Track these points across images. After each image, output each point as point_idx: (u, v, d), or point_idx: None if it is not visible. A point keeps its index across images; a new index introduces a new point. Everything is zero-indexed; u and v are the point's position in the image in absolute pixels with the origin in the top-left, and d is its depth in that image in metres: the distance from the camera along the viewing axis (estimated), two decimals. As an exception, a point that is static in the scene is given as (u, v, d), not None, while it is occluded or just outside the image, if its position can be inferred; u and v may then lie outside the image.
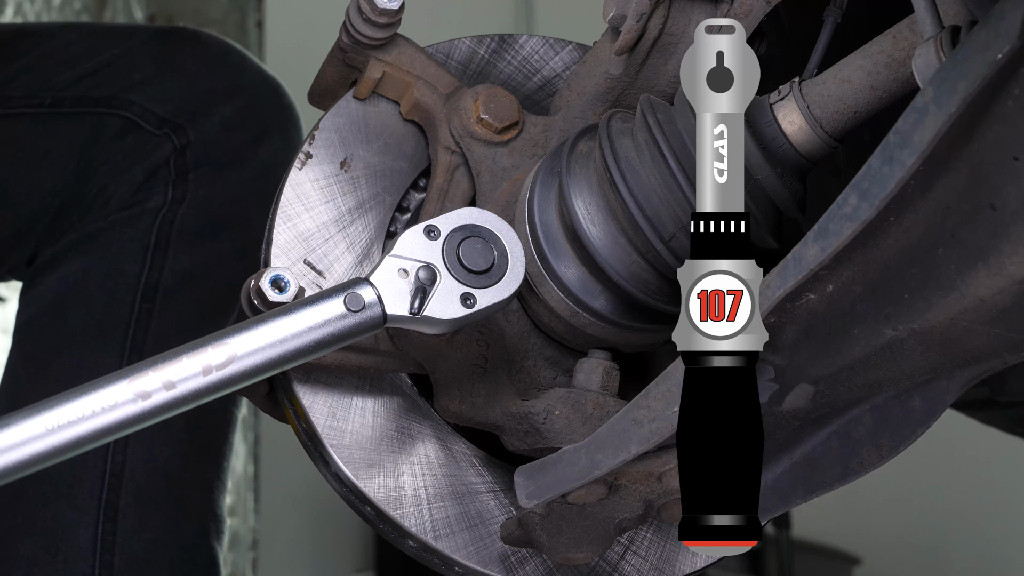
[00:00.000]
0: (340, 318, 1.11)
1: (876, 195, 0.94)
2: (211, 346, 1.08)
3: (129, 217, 1.69)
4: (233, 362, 1.08)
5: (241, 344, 1.09)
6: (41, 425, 1.03)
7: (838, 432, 1.11)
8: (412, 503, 1.24)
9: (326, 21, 1.75)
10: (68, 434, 1.04)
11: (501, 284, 1.16)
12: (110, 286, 1.67)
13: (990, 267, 0.92)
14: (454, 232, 1.15)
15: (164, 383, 1.06)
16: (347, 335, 1.12)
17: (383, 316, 1.13)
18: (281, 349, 1.10)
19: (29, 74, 1.76)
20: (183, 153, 1.70)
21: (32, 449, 1.03)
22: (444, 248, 1.15)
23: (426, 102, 1.29)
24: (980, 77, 0.87)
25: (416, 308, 1.13)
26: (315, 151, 1.30)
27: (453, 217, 1.16)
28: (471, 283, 1.15)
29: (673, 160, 1.14)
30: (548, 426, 1.19)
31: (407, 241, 1.15)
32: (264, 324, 1.10)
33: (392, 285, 1.13)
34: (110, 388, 1.05)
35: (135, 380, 1.05)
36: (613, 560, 1.28)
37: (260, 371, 1.09)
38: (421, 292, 1.13)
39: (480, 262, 1.15)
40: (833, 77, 1.15)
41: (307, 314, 1.11)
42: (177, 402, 1.07)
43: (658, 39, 1.25)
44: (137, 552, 1.62)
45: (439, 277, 1.14)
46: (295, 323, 1.10)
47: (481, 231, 1.16)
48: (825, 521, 4.34)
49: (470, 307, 1.15)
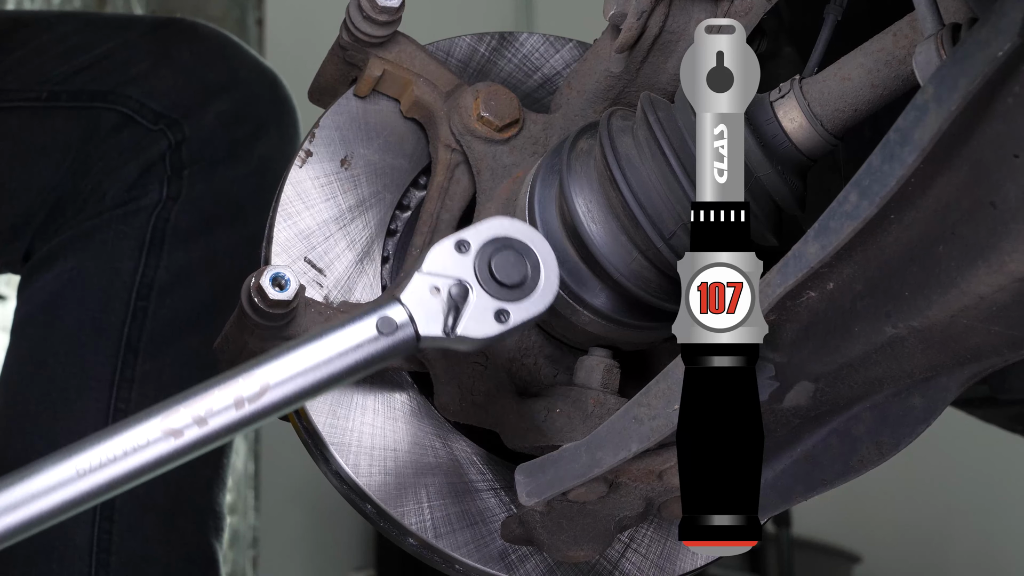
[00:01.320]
0: (372, 341, 1.07)
1: (876, 193, 0.94)
2: (242, 377, 1.04)
3: (124, 214, 1.68)
4: (266, 393, 1.04)
5: (272, 373, 1.04)
6: (72, 469, 1.00)
7: (838, 430, 1.11)
8: (412, 501, 1.24)
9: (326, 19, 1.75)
10: (99, 478, 1.00)
11: (535, 297, 1.10)
12: (105, 284, 1.66)
13: (990, 264, 0.92)
14: (485, 245, 1.10)
15: (195, 419, 1.02)
16: (380, 359, 1.07)
17: (416, 337, 1.08)
18: (314, 377, 1.05)
19: (25, 67, 1.75)
20: (178, 149, 1.70)
21: (64, 495, 1.00)
22: (476, 263, 1.09)
23: (426, 100, 1.29)
24: (980, 74, 0.87)
25: (450, 328, 1.08)
26: (315, 149, 1.30)
27: (484, 229, 1.11)
28: (504, 297, 1.09)
29: (674, 158, 1.14)
30: (548, 424, 1.19)
31: (437, 256, 1.09)
32: (294, 351, 1.06)
33: (424, 304, 1.08)
34: (141, 427, 1.01)
35: (167, 418, 1.02)
36: (614, 558, 1.28)
37: (293, 401, 1.05)
38: (454, 310, 1.08)
39: (514, 275, 1.10)
40: (833, 75, 1.15)
41: (338, 338, 1.06)
42: (210, 438, 1.02)
43: (659, 37, 1.25)
44: (134, 551, 1.61)
45: (471, 293, 1.09)
46: (326, 349, 1.06)
47: (513, 243, 1.10)
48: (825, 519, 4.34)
49: (504, 323, 1.09)
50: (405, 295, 1.08)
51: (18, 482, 0.99)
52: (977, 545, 4.79)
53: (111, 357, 1.64)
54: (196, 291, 1.67)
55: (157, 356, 1.65)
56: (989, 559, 4.76)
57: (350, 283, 1.28)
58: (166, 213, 1.68)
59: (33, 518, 0.99)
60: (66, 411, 1.63)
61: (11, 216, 1.71)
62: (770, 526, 4.11)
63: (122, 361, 1.64)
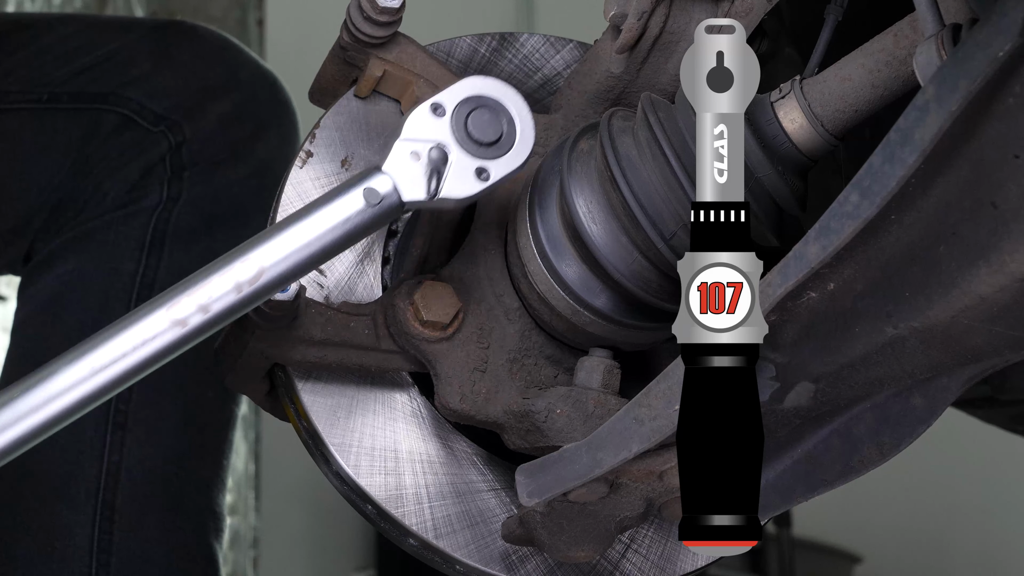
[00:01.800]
0: (359, 213, 1.10)
1: (877, 193, 0.94)
2: (238, 262, 1.08)
3: (124, 216, 1.68)
4: (263, 275, 1.08)
5: (267, 255, 1.08)
6: (87, 367, 1.05)
7: (839, 430, 1.10)
8: (413, 501, 1.24)
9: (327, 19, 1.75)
10: (113, 371, 1.05)
11: (512, 153, 1.14)
12: (105, 285, 1.67)
13: (991, 265, 0.92)
14: (460, 106, 1.14)
15: (199, 307, 1.06)
16: (367, 228, 1.12)
17: (400, 204, 1.12)
18: (306, 252, 1.09)
19: (26, 68, 1.75)
20: (179, 151, 1.70)
21: (82, 391, 1.05)
22: (452, 124, 1.13)
23: (427, 100, 1.29)
24: (981, 75, 0.87)
25: (433, 191, 1.12)
26: (316, 149, 1.30)
27: (456, 90, 1.14)
28: (483, 155, 1.13)
29: (674, 158, 1.14)
30: (549, 424, 1.19)
31: (414, 122, 1.13)
32: (286, 230, 1.09)
33: (406, 170, 1.12)
34: (149, 320, 1.06)
35: (172, 308, 1.06)
36: (614, 558, 1.28)
37: (289, 277, 1.09)
38: (436, 173, 1.12)
39: (490, 133, 1.14)
40: (834, 75, 1.15)
41: (327, 214, 1.10)
42: (213, 322, 1.07)
43: (659, 37, 1.25)
44: (134, 551, 1.61)
45: (451, 155, 1.13)
46: (317, 225, 1.10)
47: (487, 101, 1.14)
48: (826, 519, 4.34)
49: (485, 180, 1.13)
50: (387, 164, 1.12)
51: (37, 384, 1.04)
52: (978, 545, 4.79)
53: None
54: None
55: None
56: (990, 559, 4.76)
57: (350, 284, 1.28)
58: (166, 214, 1.68)
59: (54, 417, 1.04)
60: None
61: (12, 217, 1.71)
62: (771, 526, 4.11)
63: None
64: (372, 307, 1.24)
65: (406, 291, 1.22)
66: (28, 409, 1.04)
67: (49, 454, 1.62)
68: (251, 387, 1.28)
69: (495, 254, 1.25)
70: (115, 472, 1.62)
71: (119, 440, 1.62)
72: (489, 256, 1.25)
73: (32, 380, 1.04)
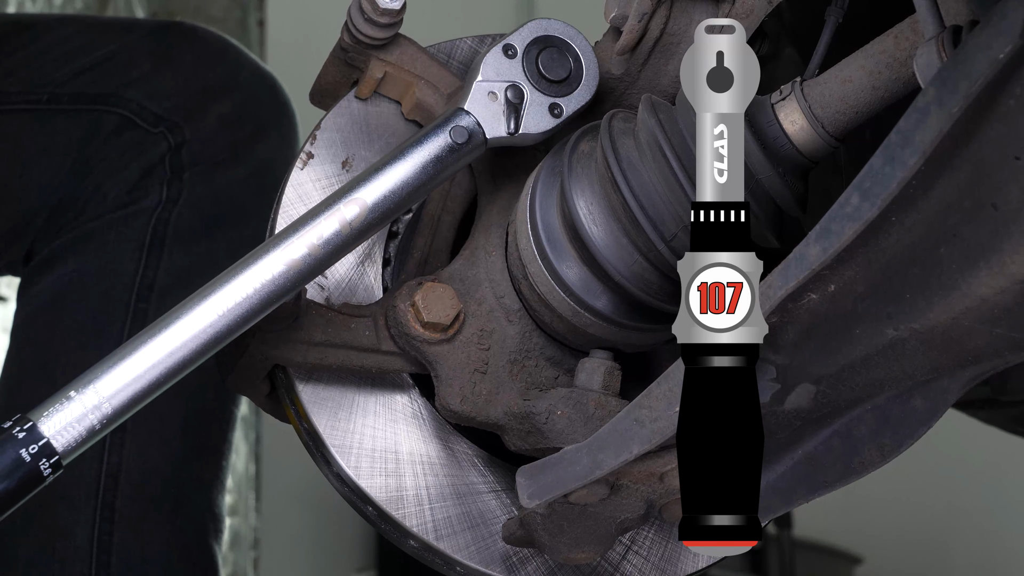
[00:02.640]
0: (448, 151, 1.19)
1: (878, 195, 0.94)
2: (342, 203, 1.15)
3: (124, 216, 1.68)
4: (366, 213, 1.15)
5: (369, 194, 1.16)
6: (212, 312, 1.12)
7: (840, 432, 1.10)
8: (414, 503, 1.24)
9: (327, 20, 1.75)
10: (238, 311, 1.12)
11: (581, 88, 1.23)
12: (105, 285, 1.67)
13: (992, 266, 0.92)
14: (530, 47, 1.22)
15: (309, 247, 1.13)
16: (454, 165, 1.19)
17: (484, 140, 1.20)
18: (404, 191, 1.17)
19: (27, 69, 1.75)
20: (178, 151, 1.70)
21: (211, 332, 1.11)
22: (524, 64, 1.21)
23: (428, 102, 1.29)
24: (982, 76, 0.87)
25: (513, 128, 1.20)
26: (317, 151, 1.30)
27: (525, 32, 1.23)
28: (555, 93, 1.22)
29: (675, 160, 1.14)
30: (550, 426, 1.19)
31: (489, 64, 1.21)
32: (384, 172, 1.17)
33: (486, 109, 1.20)
34: (264, 262, 1.13)
35: (285, 249, 1.13)
36: (615, 560, 1.28)
37: (388, 216, 1.17)
38: (514, 111, 1.20)
39: (560, 71, 1.22)
40: (835, 77, 1.15)
41: (419, 155, 1.18)
42: (324, 259, 1.14)
43: (660, 39, 1.25)
44: (134, 551, 1.61)
45: (527, 95, 1.21)
46: (410, 166, 1.17)
47: (554, 40, 1.23)
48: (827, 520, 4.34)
49: (558, 116, 1.22)
50: (468, 104, 1.21)
51: (168, 327, 1.11)
52: (978, 546, 4.78)
53: None
54: None
55: None
56: (990, 560, 4.75)
57: (351, 285, 1.28)
58: (166, 215, 1.68)
59: (188, 357, 1.11)
60: None
61: (12, 218, 1.71)
62: (771, 527, 4.10)
63: None
64: (373, 308, 1.24)
65: (407, 292, 1.22)
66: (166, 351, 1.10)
67: None
68: (252, 388, 1.28)
69: (496, 256, 1.25)
70: (115, 473, 1.62)
71: (119, 441, 1.62)
72: (490, 258, 1.25)
73: (162, 324, 1.11)
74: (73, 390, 1.07)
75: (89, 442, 1.08)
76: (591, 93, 1.23)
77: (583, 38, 1.23)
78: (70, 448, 1.06)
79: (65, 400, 1.07)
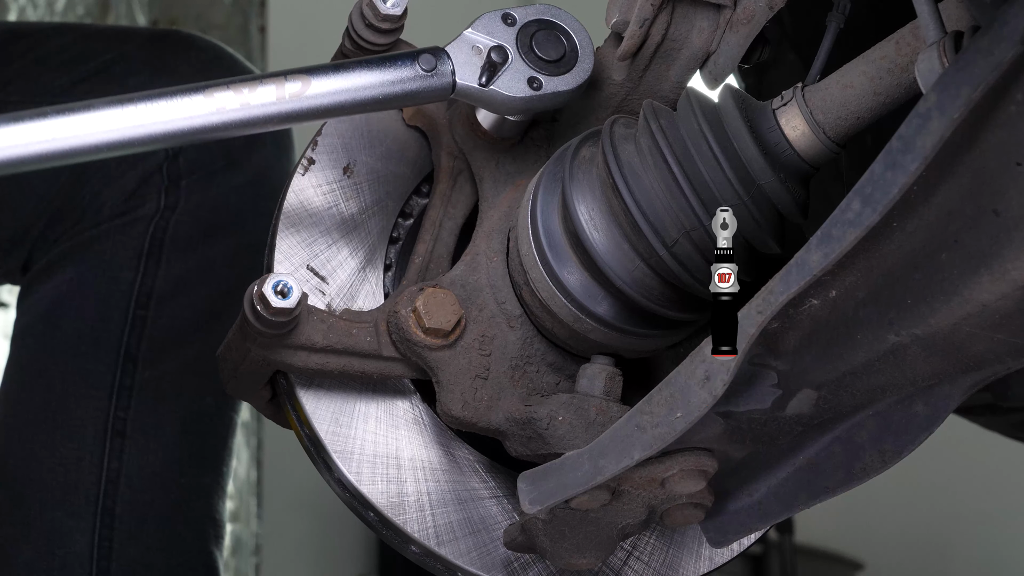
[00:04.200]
0: (413, 78, 1.16)
1: (879, 200, 0.94)
2: (292, 79, 1.14)
3: (122, 225, 1.68)
4: (305, 96, 1.13)
5: (319, 80, 1.14)
6: (130, 118, 1.12)
7: (841, 437, 1.10)
8: (415, 508, 1.24)
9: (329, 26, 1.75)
10: (153, 129, 1.13)
11: (569, 75, 1.20)
12: (104, 294, 1.67)
13: (993, 272, 0.92)
14: (530, 22, 1.20)
15: (240, 100, 1.13)
16: (416, 96, 1.17)
17: (452, 84, 1.17)
18: (353, 96, 1.15)
19: (24, 79, 1.75)
20: (176, 160, 1.70)
21: (114, 135, 1.11)
22: (519, 34, 1.19)
23: (429, 108, 1.29)
24: (983, 82, 0.87)
25: (484, 81, 1.17)
26: (318, 157, 1.30)
27: (530, 9, 1.21)
28: (540, 69, 1.19)
29: (676, 165, 1.14)
30: (551, 432, 1.19)
31: (484, 22, 1.20)
32: (342, 70, 1.15)
33: (465, 58, 1.18)
34: (188, 98, 1.14)
35: (213, 94, 1.12)
36: (616, 566, 1.28)
37: (326, 111, 1.14)
38: (491, 68, 1.17)
39: (551, 52, 1.20)
40: (836, 82, 1.15)
41: (382, 69, 1.16)
42: (248, 122, 1.13)
43: (661, 45, 1.25)
44: (134, 558, 1.61)
45: (510, 59, 1.18)
46: (369, 75, 1.15)
47: (557, 27, 1.21)
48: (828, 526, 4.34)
49: (536, 90, 1.18)
50: (450, 47, 1.18)
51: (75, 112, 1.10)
52: (979, 552, 4.78)
53: (110, 366, 1.64)
54: (194, 300, 1.68)
55: (156, 364, 1.65)
56: (991, 566, 4.75)
57: (352, 291, 1.28)
58: (164, 223, 1.68)
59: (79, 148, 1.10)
60: (65, 419, 1.64)
61: (10, 227, 1.71)
62: (773, 533, 4.10)
63: (121, 370, 1.64)
64: (374, 314, 1.24)
65: (408, 298, 1.22)
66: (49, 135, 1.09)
67: (49, 461, 1.62)
68: (253, 394, 1.28)
69: (497, 261, 1.25)
70: (115, 479, 1.62)
71: (118, 447, 1.62)
72: (491, 263, 1.25)
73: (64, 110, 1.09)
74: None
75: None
76: (577, 83, 1.21)
77: (587, 34, 1.22)
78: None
79: None
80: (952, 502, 4.79)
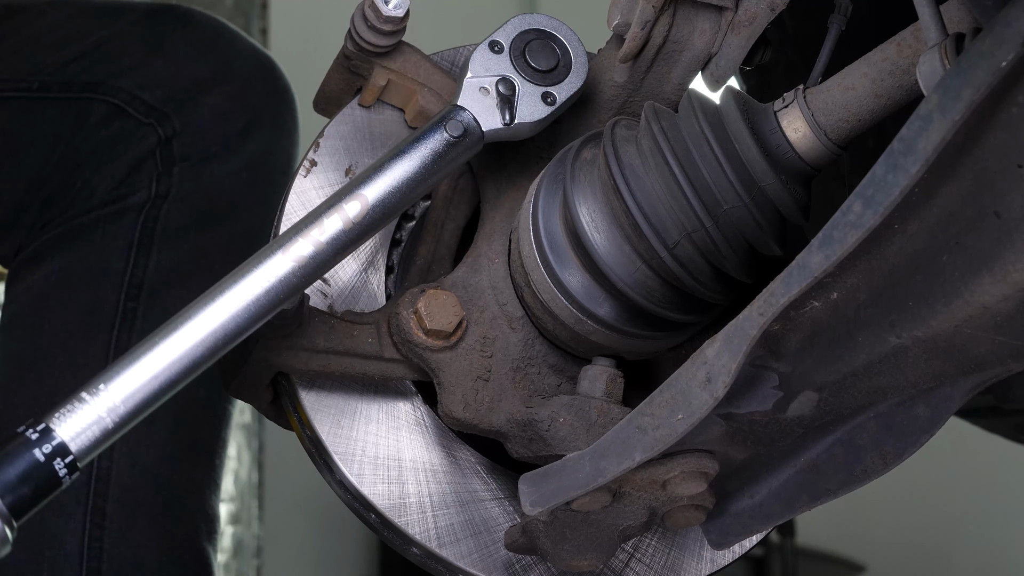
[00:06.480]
0: (447, 148, 1.18)
1: (880, 202, 0.93)
2: (345, 201, 1.15)
3: (112, 213, 1.65)
4: (368, 209, 1.15)
5: (371, 191, 1.15)
6: (224, 312, 1.11)
7: (842, 439, 1.10)
8: (416, 510, 1.24)
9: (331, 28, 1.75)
10: (249, 311, 1.11)
11: (572, 76, 1.23)
12: (94, 285, 1.64)
13: (994, 274, 0.92)
14: (515, 41, 1.22)
15: (315, 245, 1.13)
16: (456, 160, 1.19)
17: (481, 134, 1.20)
18: (404, 188, 1.16)
19: (16, 56, 1.71)
20: (169, 145, 1.67)
21: (222, 332, 1.11)
22: (512, 57, 1.22)
23: (431, 110, 1.29)
24: (985, 84, 0.87)
25: (508, 119, 1.20)
26: (320, 158, 1.30)
27: (508, 28, 1.23)
28: (546, 82, 1.22)
29: (677, 167, 1.14)
30: (552, 433, 1.19)
31: (477, 61, 1.22)
32: (384, 169, 1.16)
33: (479, 104, 1.20)
34: (269, 262, 1.12)
35: (288, 249, 1.12)
36: (617, 567, 1.28)
37: (389, 213, 1.16)
38: (507, 103, 1.20)
39: (548, 60, 1.22)
40: (837, 84, 1.15)
41: (417, 151, 1.18)
42: (328, 257, 1.13)
43: (662, 46, 1.25)
44: (125, 557, 1.59)
45: (518, 87, 1.21)
46: (409, 163, 1.17)
47: (539, 33, 1.24)
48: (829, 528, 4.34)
49: (552, 104, 1.22)
50: (462, 100, 1.20)
51: (180, 327, 1.10)
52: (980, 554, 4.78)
53: (100, 360, 1.61)
54: (187, 291, 1.64)
55: None
56: (992, 568, 4.75)
57: (354, 292, 1.28)
58: (155, 212, 1.65)
59: (201, 357, 1.10)
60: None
61: (1, 211, 1.69)
62: (774, 535, 4.10)
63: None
64: (376, 316, 1.24)
65: (410, 300, 1.23)
66: (180, 352, 1.10)
67: None
68: (255, 396, 1.28)
69: (499, 263, 1.25)
70: (105, 477, 1.59)
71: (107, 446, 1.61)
72: (493, 265, 1.25)
73: (176, 322, 1.10)
74: (85, 392, 1.07)
75: (104, 444, 1.07)
76: (582, 80, 1.23)
77: (567, 28, 1.24)
78: (85, 449, 1.06)
79: (78, 402, 1.06)
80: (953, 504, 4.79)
